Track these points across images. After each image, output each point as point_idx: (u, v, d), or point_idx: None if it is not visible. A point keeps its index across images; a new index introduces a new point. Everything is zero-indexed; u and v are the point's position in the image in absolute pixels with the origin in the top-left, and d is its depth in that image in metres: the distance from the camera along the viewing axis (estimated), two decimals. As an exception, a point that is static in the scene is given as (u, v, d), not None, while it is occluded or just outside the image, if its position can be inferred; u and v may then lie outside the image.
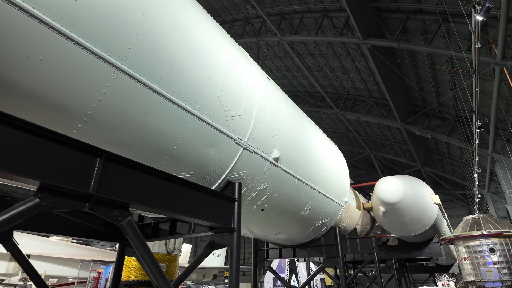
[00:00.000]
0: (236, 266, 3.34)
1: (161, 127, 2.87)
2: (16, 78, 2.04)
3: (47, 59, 2.09)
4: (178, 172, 3.27)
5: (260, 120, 4.02)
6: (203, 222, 3.37)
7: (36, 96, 2.17)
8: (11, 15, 1.88)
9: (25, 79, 2.07)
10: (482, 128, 7.91)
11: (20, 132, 1.87)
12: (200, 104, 3.13)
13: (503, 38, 8.14)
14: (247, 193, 4.22)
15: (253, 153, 3.94)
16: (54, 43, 2.09)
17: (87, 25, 2.21)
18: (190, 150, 3.21)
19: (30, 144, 1.90)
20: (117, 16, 2.36)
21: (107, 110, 2.50)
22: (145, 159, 2.92)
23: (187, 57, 2.95)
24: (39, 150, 1.94)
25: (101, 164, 2.30)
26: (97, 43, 2.28)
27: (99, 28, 2.26)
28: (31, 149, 1.91)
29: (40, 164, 1.93)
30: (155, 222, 4.27)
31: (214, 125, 3.30)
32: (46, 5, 2.00)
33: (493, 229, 8.00)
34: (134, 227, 2.42)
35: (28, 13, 1.93)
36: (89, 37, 2.23)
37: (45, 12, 2.00)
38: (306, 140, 5.27)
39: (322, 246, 6.53)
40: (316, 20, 14.17)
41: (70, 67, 2.22)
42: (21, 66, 2.02)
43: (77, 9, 2.14)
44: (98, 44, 2.28)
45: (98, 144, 2.43)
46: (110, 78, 2.42)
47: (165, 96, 2.79)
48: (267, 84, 4.50)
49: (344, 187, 6.67)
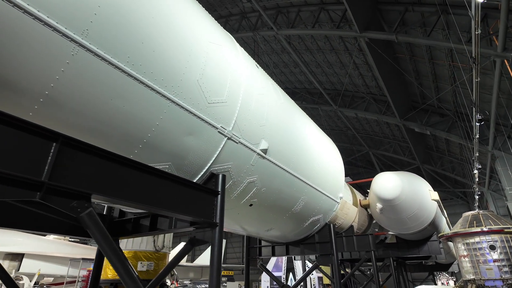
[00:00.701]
0: (217, 264, 3.10)
1: (131, 111, 2.62)
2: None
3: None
4: (155, 163, 3.03)
5: (246, 108, 3.77)
6: (182, 216, 3.14)
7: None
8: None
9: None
10: (482, 122, 7.66)
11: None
12: (177, 88, 2.88)
13: (504, 28, 7.89)
14: (233, 187, 3.98)
15: (238, 143, 3.69)
16: (4, 14, 1.85)
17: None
18: (167, 138, 2.96)
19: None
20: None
21: (67, 91, 2.25)
22: (115, 147, 2.67)
23: (160, 36, 2.70)
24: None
25: (57, 149, 2.05)
26: (53, 14, 2.03)
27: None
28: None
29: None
30: (136, 217, 4.03)
31: (193, 111, 3.05)
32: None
33: (493, 225, 7.75)
34: (96, 220, 2.18)
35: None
36: (43, 7, 1.98)
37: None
38: (298, 132, 5.02)
39: (316, 244, 6.29)
40: (313, 14, 13.89)
41: (22, 42, 1.97)
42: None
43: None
44: (54, 15, 2.03)
45: (60, 129, 2.19)
46: (69, 55, 2.17)
47: (135, 77, 2.54)
48: (255, 72, 4.25)
49: (339, 182, 6.43)
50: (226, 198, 4.04)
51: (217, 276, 3.06)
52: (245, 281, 6.88)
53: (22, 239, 16.08)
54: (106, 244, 2.21)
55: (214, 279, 3.04)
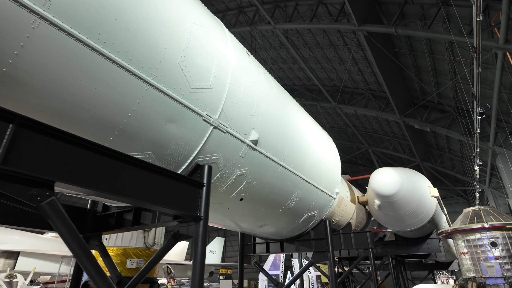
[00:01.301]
0: (200, 259, 2.90)
1: (104, 94, 2.41)
2: None
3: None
4: (133, 151, 2.82)
5: (234, 96, 3.56)
6: (163, 209, 2.94)
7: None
8: None
9: None
10: (483, 115, 7.43)
11: None
12: (155, 70, 2.67)
13: (506, 20, 7.67)
14: (221, 179, 3.77)
15: (226, 133, 3.49)
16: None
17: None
18: (146, 125, 2.75)
19: None
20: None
21: (28, 68, 2.04)
22: (88, 133, 2.47)
23: (136, 12, 2.49)
24: None
25: (13, 131, 1.85)
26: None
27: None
28: None
29: None
30: (119, 211, 3.83)
31: (174, 96, 2.83)
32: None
33: (495, 221, 7.51)
34: (59, 210, 1.97)
35: None
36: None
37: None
38: (291, 124, 4.81)
39: (311, 240, 6.10)
40: (311, 7, 13.66)
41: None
42: None
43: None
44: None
45: (22, 111, 1.99)
46: (29, 28, 1.96)
47: (107, 56, 2.33)
48: (244, 58, 4.03)
49: (335, 177, 6.22)
50: (214, 192, 3.85)
51: (200, 274, 2.86)
52: (238, 279, 6.69)
53: (18, 236, 15.90)
54: (71, 237, 2.01)
55: (197, 277, 2.84)
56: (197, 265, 2.88)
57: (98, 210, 4.10)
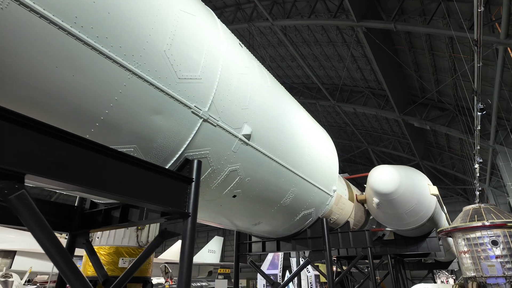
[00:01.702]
0: (188, 258, 2.76)
1: (83, 83, 2.27)
2: None
3: None
4: (116, 144, 2.68)
5: (225, 88, 3.41)
6: (149, 205, 2.79)
7: None
8: None
9: None
10: (484, 111, 7.29)
11: None
12: (139, 58, 2.52)
13: (507, 14, 7.52)
14: (213, 175, 3.63)
15: (216, 126, 3.34)
16: None
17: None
18: (129, 116, 2.61)
19: None
20: None
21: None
22: (67, 124, 2.33)
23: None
24: None
25: (-24, 119, 1.70)
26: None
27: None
28: None
29: None
30: (106, 208, 3.69)
31: (159, 86, 2.69)
32: None
33: (495, 219, 7.37)
34: (29, 203, 1.83)
35: None
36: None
37: None
38: (286, 118, 4.67)
39: (308, 239, 5.96)
40: (309, 3, 13.51)
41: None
42: None
43: None
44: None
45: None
46: (-4, 9, 1.82)
47: (85, 42, 2.19)
48: (237, 49, 3.89)
49: (332, 174, 6.08)
50: (205, 188, 3.71)
51: (187, 272, 2.72)
52: (234, 278, 6.55)
53: (15, 236, 15.78)
54: (42, 233, 1.87)
55: (184, 275, 2.71)
56: (184, 263, 2.74)
57: (86, 207, 3.97)
